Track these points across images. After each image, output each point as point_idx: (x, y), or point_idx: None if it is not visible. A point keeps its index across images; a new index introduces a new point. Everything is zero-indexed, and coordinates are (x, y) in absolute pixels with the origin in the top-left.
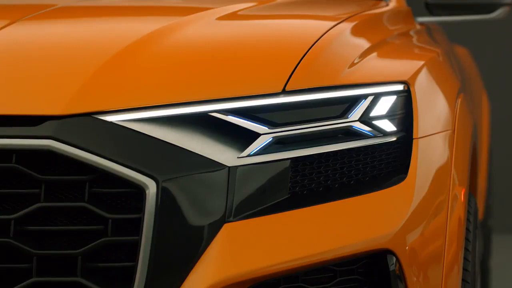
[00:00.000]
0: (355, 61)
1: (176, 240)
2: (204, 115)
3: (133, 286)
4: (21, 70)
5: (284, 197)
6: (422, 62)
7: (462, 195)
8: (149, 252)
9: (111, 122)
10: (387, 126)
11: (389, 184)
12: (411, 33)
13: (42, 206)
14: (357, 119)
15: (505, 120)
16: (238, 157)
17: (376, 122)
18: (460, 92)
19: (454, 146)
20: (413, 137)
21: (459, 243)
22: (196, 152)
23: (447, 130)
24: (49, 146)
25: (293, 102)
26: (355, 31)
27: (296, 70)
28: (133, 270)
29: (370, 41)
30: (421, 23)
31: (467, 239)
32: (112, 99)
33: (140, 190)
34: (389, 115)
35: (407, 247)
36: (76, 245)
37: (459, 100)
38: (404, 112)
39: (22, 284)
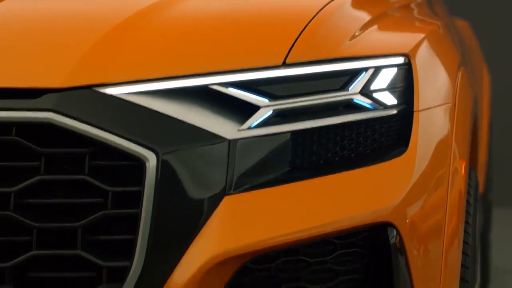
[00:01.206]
0: (355, 34)
1: (176, 212)
2: (204, 88)
3: (133, 259)
4: (21, 43)
5: (285, 170)
6: (422, 35)
7: (462, 169)
8: (149, 225)
9: (111, 95)
10: (388, 99)
11: (389, 157)
12: (412, 6)
13: (42, 179)
14: (357, 91)
15: (505, 93)
16: (238, 130)
17: (377, 95)
18: (461, 65)
19: (455, 119)
20: (414, 110)
21: (459, 216)
22: (196, 125)
23: (447, 103)
24: (49, 118)
25: (294, 74)
26: (356, 4)
27: (296, 43)
28: (133, 243)
29: (371, 14)
30: None
31: (467, 212)
32: (112, 71)
33: (140, 163)
34: (390, 88)
35: (407, 220)
36: (76, 218)
37: (459, 73)
38: (405, 85)
39: (21, 257)
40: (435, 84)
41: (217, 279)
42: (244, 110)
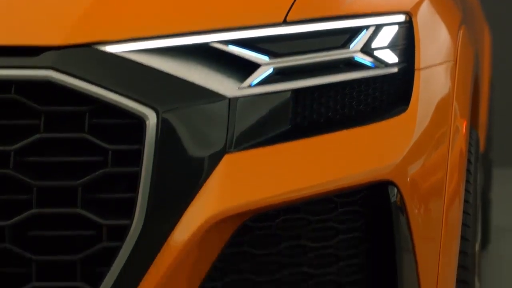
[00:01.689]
0: None
1: (176, 171)
2: (204, 46)
3: (133, 217)
4: (20, 1)
5: (285, 128)
6: None
7: (463, 127)
8: (149, 184)
9: (111, 53)
10: (389, 56)
11: (390, 115)
12: None
13: (41, 137)
14: (358, 49)
15: (505, 52)
16: (238, 88)
17: (378, 53)
18: (462, 23)
19: (456, 78)
20: (415, 68)
21: (460, 175)
22: (197, 83)
23: (449, 61)
24: (48, 76)
25: (294, 32)
26: None
27: (297, 0)
28: (133, 201)
29: None
30: None
31: (468, 170)
32: (112, 29)
33: (140, 121)
34: (391, 46)
35: (408, 179)
36: (76, 176)
37: (461, 32)
38: (406, 43)
39: (21, 216)
40: (436, 42)
41: (217, 238)
42: (244, 68)
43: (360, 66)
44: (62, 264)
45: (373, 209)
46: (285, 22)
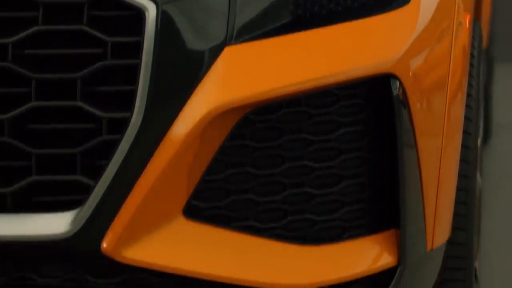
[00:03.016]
0: None
1: (176, 63)
2: None
3: (133, 110)
4: None
5: (287, 20)
6: None
7: (467, 21)
8: (149, 76)
9: None
10: None
11: (393, 7)
12: None
13: (40, 29)
14: None
15: None
16: None
17: None
18: None
19: None
20: None
21: (463, 70)
22: None
23: None
24: None
25: None
26: None
27: None
28: (133, 94)
29: None
30: None
31: (471, 65)
32: None
33: (139, 13)
34: None
35: (410, 73)
36: (75, 69)
37: None
38: None
39: (21, 109)
40: None
41: (218, 131)
42: None
43: None
44: (62, 157)
45: (375, 103)
46: None
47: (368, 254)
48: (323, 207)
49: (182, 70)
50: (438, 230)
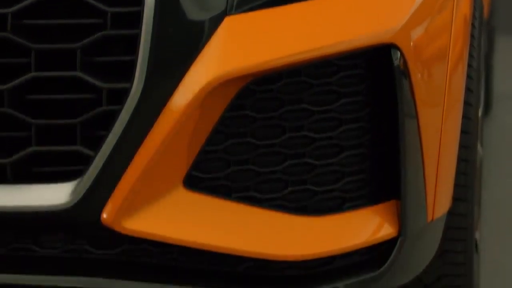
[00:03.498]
0: None
1: (176, 34)
2: None
3: (133, 80)
4: None
5: None
6: None
7: None
8: (149, 46)
9: None
10: None
11: None
12: None
13: None
14: None
15: None
16: None
17: None
18: None
19: None
20: None
21: (464, 40)
22: None
23: None
24: None
25: None
26: None
27: None
28: (133, 64)
29: None
30: None
31: (472, 35)
32: None
33: None
34: None
35: (411, 43)
36: (75, 40)
37: None
38: None
39: (20, 79)
40: None
41: (218, 101)
42: None
43: None
44: (62, 128)
45: (376, 73)
46: None
47: (369, 225)
48: (324, 178)
49: (182, 40)
50: (439, 201)
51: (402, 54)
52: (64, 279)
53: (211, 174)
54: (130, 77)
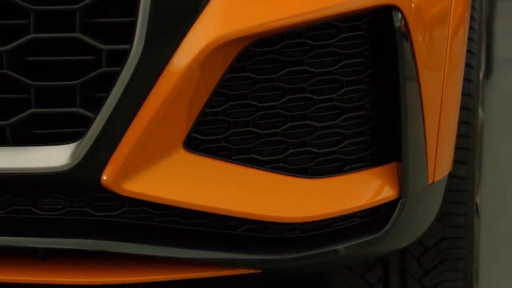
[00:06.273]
0: None
1: None
2: None
3: (133, 41)
4: None
5: None
6: None
7: None
8: (149, 7)
9: None
10: None
11: None
12: None
13: None
14: None
15: None
16: None
17: None
18: None
19: None
20: None
21: (465, 2)
22: None
23: None
24: None
25: None
26: None
27: None
28: (133, 26)
29: None
30: None
31: None
32: None
33: None
34: None
35: (412, 5)
36: (74, 1)
37: None
38: None
39: (19, 41)
40: None
41: (218, 62)
42: None
43: None
44: (61, 89)
45: (377, 35)
46: None
47: (369, 187)
48: (324, 140)
49: (182, 1)
50: (440, 163)
51: (403, 15)
52: (63, 241)
53: (212, 136)
54: (130, 39)
